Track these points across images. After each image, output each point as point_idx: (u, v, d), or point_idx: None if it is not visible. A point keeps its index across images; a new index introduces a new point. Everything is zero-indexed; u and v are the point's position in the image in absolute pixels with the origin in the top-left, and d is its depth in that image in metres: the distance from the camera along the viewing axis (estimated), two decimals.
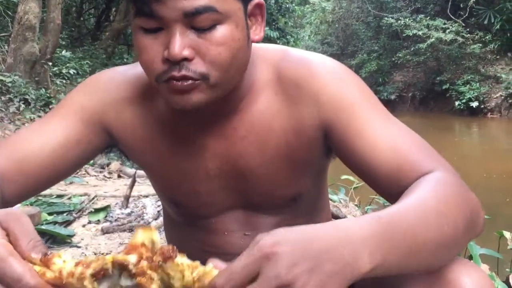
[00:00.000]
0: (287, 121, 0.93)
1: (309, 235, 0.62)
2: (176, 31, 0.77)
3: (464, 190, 0.80)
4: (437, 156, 0.86)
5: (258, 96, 0.94)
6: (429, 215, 0.71)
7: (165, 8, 0.76)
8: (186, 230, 1.08)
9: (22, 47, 7.73)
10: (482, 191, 5.79)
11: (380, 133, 0.85)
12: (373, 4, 20.65)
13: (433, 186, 0.78)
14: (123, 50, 15.19)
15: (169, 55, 0.78)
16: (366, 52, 21.08)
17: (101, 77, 1.01)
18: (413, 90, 19.26)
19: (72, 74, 9.55)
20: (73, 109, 0.97)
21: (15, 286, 0.58)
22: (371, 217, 0.68)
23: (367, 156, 0.85)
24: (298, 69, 0.92)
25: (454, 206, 0.75)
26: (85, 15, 16.14)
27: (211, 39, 0.79)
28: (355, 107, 0.89)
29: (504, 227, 2.62)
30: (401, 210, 0.72)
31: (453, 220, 0.73)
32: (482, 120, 14.95)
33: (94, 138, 0.97)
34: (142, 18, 0.79)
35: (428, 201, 0.74)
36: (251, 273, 0.59)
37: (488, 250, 2.35)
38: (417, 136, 0.89)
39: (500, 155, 9.29)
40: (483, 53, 16.59)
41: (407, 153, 0.84)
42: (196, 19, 0.77)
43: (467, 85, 16.15)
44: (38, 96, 7.36)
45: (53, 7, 8.50)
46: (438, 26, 16.81)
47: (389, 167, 0.83)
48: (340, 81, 0.92)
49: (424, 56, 17.97)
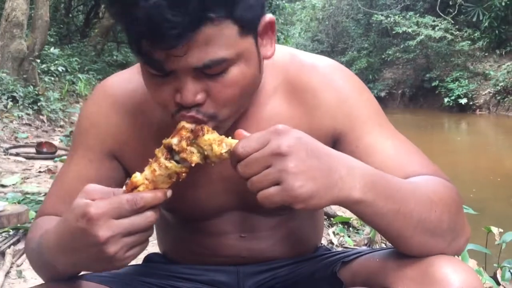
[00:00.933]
0: (300, 127, 0.91)
1: (317, 142, 0.74)
2: (187, 79, 0.76)
3: (458, 198, 0.85)
4: (439, 171, 0.90)
5: (265, 101, 0.93)
6: (422, 195, 0.79)
7: (175, 64, 0.74)
8: (182, 233, 1.07)
9: (9, 44, 7.65)
10: (470, 186, 5.84)
11: (389, 152, 0.90)
12: (363, 1, 20.72)
13: (429, 180, 0.85)
14: (113, 47, 15.10)
15: (182, 100, 0.76)
16: (356, 49, 21.17)
17: (100, 100, 0.99)
18: (403, 87, 19.38)
19: (60, 71, 9.48)
20: (83, 154, 0.98)
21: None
22: (377, 170, 0.78)
23: None
24: (313, 77, 0.93)
25: (444, 201, 0.81)
26: (74, 12, 16.01)
27: (223, 81, 0.77)
28: (369, 122, 0.92)
29: (491, 222, 2.65)
30: (401, 181, 0.80)
31: (440, 210, 0.79)
32: (471, 117, 15.08)
33: (111, 171, 0.99)
34: (151, 68, 0.77)
35: (422, 186, 0.82)
36: (261, 143, 0.70)
37: (476, 246, 2.38)
38: (420, 152, 0.93)
39: (488, 151, 9.37)
40: (471, 50, 16.74)
41: (413, 171, 0.88)
42: (206, 70, 0.75)
43: (456, 82, 16.29)
44: (26, 94, 7.29)
45: (41, 4, 8.42)
46: (428, 23, 16.92)
47: None
48: (358, 95, 0.94)
49: (413, 53, 18.09)
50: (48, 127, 7.28)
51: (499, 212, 4.81)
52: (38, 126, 7.11)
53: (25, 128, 6.76)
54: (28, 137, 6.41)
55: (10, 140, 6.08)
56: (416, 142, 0.97)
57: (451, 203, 0.81)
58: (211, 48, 0.73)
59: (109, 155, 0.98)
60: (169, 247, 1.14)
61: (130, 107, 0.97)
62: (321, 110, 0.92)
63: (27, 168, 4.69)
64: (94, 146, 0.98)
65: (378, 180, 0.75)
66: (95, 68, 11.67)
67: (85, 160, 0.98)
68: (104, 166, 0.98)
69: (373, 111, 0.94)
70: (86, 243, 0.72)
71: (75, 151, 1.00)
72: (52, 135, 6.92)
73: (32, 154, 5.24)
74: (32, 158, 5.14)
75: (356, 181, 0.73)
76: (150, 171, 0.75)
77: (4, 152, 5.26)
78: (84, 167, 0.98)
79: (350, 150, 0.90)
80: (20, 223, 2.66)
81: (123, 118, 0.97)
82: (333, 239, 2.79)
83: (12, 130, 6.39)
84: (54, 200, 0.99)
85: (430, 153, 3.67)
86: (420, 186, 0.81)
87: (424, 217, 0.77)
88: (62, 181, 1.00)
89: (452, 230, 0.81)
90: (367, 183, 0.73)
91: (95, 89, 1.02)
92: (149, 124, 0.96)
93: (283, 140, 0.69)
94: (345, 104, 0.92)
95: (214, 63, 0.74)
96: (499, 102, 15.26)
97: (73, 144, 1.03)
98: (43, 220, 0.96)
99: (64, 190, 0.98)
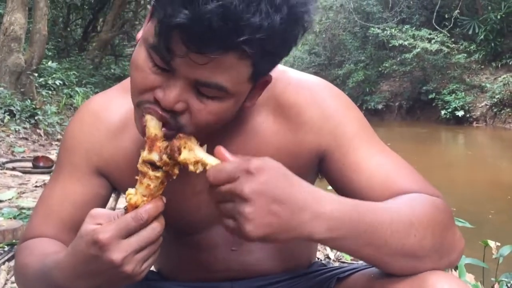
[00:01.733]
0: (283, 143, 0.94)
1: (287, 183, 0.72)
2: (178, 84, 0.75)
3: (446, 218, 0.84)
4: (429, 186, 0.89)
5: (251, 116, 0.94)
6: (400, 221, 0.78)
7: (184, 66, 0.73)
8: (173, 247, 1.07)
9: (7, 58, 7.68)
10: (467, 199, 5.84)
11: (376, 168, 0.89)
12: (360, 14, 20.85)
13: (414, 201, 0.83)
14: (111, 61, 15.15)
15: (162, 99, 0.76)
16: (353, 62, 21.25)
17: (84, 118, 1.00)
18: (400, 100, 19.43)
19: (58, 85, 9.50)
20: (70, 172, 0.99)
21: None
22: (349, 201, 0.77)
23: (363, 190, 0.89)
24: (299, 94, 0.93)
25: (426, 224, 0.80)
26: (72, 26, 16.11)
27: (207, 106, 0.77)
28: (355, 139, 0.92)
29: (489, 235, 2.64)
30: (377, 206, 0.79)
31: (421, 235, 0.78)
32: (468, 129, 15.11)
33: (98, 188, 1.01)
34: (157, 56, 0.75)
35: (403, 209, 0.80)
36: (231, 178, 0.70)
37: (474, 260, 2.36)
38: (410, 167, 0.92)
39: (486, 163, 9.38)
40: (468, 63, 16.82)
41: (400, 185, 0.88)
42: (203, 88, 0.76)
43: (453, 94, 16.34)
44: (23, 107, 7.30)
45: (39, 18, 8.47)
46: (424, 36, 17.02)
47: (383, 199, 0.86)
48: (343, 112, 0.94)
49: (410, 66, 18.16)
50: (45, 141, 7.27)
51: (497, 225, 4.80)
52: (35, 140, 7.10)
53: (22, 142, 6.75)
54: (25, 151, 6.40)
55: (6, 154, 6.07)
56: (413, 155, 0.97)
57: (434, 225, 0.81)
58: (222, 74, 0.74)
59: (95, 172, 0.99)
60: (163, 263, 1.14)
61: (114, 124, 0.98)
62: (306, 126, 0.93)
63: (23, 182, 4.68)
64: (80, 164, 0.98)
65: (348, 219, 0.74)
66: (92, 82, 11.71)
67: (72, 179, 0.99)
68: (91, 183, 0.99)
69: (359, 128, 0.93)
70: (102, 268, 0.75)
71: (60, 169, 1.01)
72: (49, 149, 6.91)
73: (29, 169, 5.23)
74: (29, 172, 5.12)
75: (320, 224, 0.72)
76: (144, 187, 0.77)
77: (0, 166, 5.25)
78: (70, 185, 0.99)
79: (337, 167, 0.91)
80: (15, 239, 2.65)
81: (107, 135, 0.98)
82: (330, 254, 2.78)
83: (9, 144, 6.38)
84: (40, 221, 0.99)
85: (428, 166, 3.65)
86: (401, 210, 0.80)
87: (403, 243, 0.77)
88: (48, 201, 1.00)
89: (437, 250, 0.80)
90: (334, 224, 0.73)
91: (79, 108, 1.04)
92: (133, 140, 0.97)
93: (249, 184, 0.69)
94: (330, 121, 0.92)
95: (216, 87, 0.75)
96: (495, 115, 15.30)
97: (58, 163, 1.03)
98: (34, 244, 0.95)
99: (50, 211, 0.99)
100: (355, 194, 0.88)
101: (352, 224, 0.74)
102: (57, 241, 0.96)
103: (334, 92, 0.96)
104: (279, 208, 0.70)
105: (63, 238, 0.97)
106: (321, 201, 0.73)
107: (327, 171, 0.94)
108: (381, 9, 20.56)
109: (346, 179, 0.90)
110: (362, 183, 0.88)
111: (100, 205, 1.01)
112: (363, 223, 0.75)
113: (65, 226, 0.98)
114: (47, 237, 0.97)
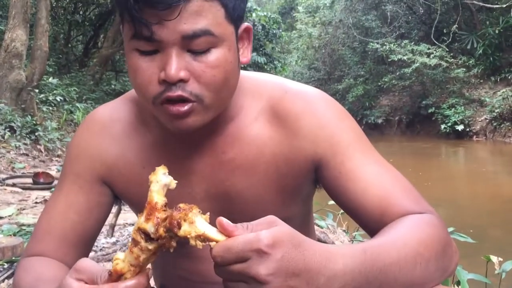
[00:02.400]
0: (279, 149, 0.95)
1: (301, 253, 0.68)
2: (173, 54, 0.80)
3: (444, 233, 0.86)
4: (421, 200, 0.91)
5: (248, 123, 0.96)
6: (407, 255, 0.78)
7: (165, 31, 0.78)
8: (171, 259, 1.07)
9: (8, 74, 7.71)
10: (469, 213, 5.82)
11: (371, 178, 0.90)
12: (359, 30, 20.99)
13: (414, 225, 0.84)
14: (111, 76, 15.22)
15: (166, 76, 0.80)
16: (353, 76, 21.34)
17: (88, 128, 1.03)
18: (399, 114, 19.48)
19: (58, 101, 9.53)
20: (73, 180, 1.01)
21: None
22: (358, 249, 0.75)
23: (358, 199, 0.90)
24: (296, 103, 0.95)
25: (430, 247, 0.81)
26: (73, 42, 16.20)
27: (207, 61, 0.81)
28: (350, 148, 0.93)
29: (491, 250, 2.62)
30: (384, 245, 0.78)
31: (426, 260, 0.79)
32: (468, 143, 15.11)
33: (101, 196, 1.02)
34: (140, 40, 0.80)
35: (408, 240, 0.80)
36: (241, 258, 0.66)
37: (476, 275, 2.34)
38: (403, 179, 0.93)
39: (487, 177, 9.36)
40: (467, 77, 16.89)
41: (395, 198, 0.89)
42: (193, 42, 0.79)
43: (452, 108, 16.39)
44: (24, 124, 7.31)
45: (40, 35, 8.52)
46: (423, 51, 17.12)
47: (377, 210, 0.89)
48: (339, 121, 0.95)
49: (409, 80, 18.24)
50: (45, 157, 7.27)
51: (499, 240, 4.78)
52: (36, 156, 7.10)
53: (22, 158, 6.75)
54: (25, 167, 6.40)
55: (7, 170, 6.06)
56: (414, 170, 0.98)
57: (436, 246, 0.82)
58: (200, 19, 0.79)
59: (99, 180, 1.01)
60: (162, 276, 1.14)
61: (117, 133, 1.00)
62: (302, 134, 0.94)
63: (23, 199, 4.67)
64: (83, 172, 1.00)
65: (360, 270, 0.73)
66: (93, 97, 11.74)
67: (75, 187, 1.00)
68: (94, 191, 1.00)
69: (355, 137, 0.95)
70: None
71: (63, 180, 1.03)
72: (49, 165, 6.91)
73: (29, 185, 5.23)
74: (29, 188, 5.12)
75: (335, 282, 0.70)
76: (134, 257, 0.71)
77: (1, 182, 5.25)
78: (74, 195, 1.00)
79: (333, 176, 0.92)
80: (15, 256, 2.63)
81: (111, 143, 1.00)
82: None
83: (9, 160, 6.38)
84: (41, 237, 1.00)
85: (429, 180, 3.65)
86: (406, 243, 0.80)
87: (411, 274, 0.78)
88: (50, 213, 1.01)
89: (440, 269, 0.82)
90: (348, 279, 0.72)
91: (83, 120, 1.06)
92: (135, 148, 0.99)
93: (264, 265, 0.65)
94: (325, 130, 0.94)
95: (202, 33, 0.79)
96: (495, 129, 15.33)
97: (61, 174, 1.05)
98: (31, 265, 0.96)
99: (53, 222, 1.00)
100: (350, 203, 0.91)
101: (364, 273, 0.73)
102: (55, 262, 0.97)
103: (329, 102, 0.98)
104: (296, 281, 0.67)
105: (64, 252, 0.98)
106: (333, 258, 0.71)
107: (324, 180, 0.95)
108: (380, 24, 20.72)
109: (342, 188, 0.92)
110: (358, 193, 0.90)
111: (102, 213, 1.03)
112: (374, 268, 0.74)
113: (66, 238, 0.99)
114: (47, 255, 0.97)
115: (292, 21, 27.08)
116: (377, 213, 0.89)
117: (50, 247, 0.98)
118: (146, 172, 0.98)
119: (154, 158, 0.98)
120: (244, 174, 0.96)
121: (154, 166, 0.97)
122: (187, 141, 0.95)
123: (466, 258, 3.31)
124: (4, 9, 11.41)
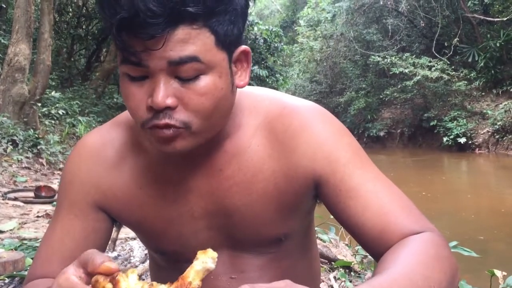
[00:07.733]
0: (278, 166, 0.94)
1: None
2: (161, 81, 0.78)
3: (446, 251, 0.84)
4: (421, 217, 0.89)
5: (246, 139, 0.95)
6: (416, 283, 0.74)
7: (151, 58, 0.77)
8: (173, 275, 1.06)
9: (11, 88, 7.74)
10: (472, 227, 5.78)
11: (371, 195, 0.89)
12: (360, 43, 21.10)
13: (418, 249, 0.81)
14: (113, 90, 15.27)
15: (153, 103, 0.79)
16: (354, 89, 21.40)
17: (80, 154, 1.02)
18: (401, 127, 19.48)
19: (61, 114, 9.56)
20: (68, 209, 1.00)
21: None
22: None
23: (358, 217, 0.89)
24: (293, 119, 0.94)
25: (438, 268, 0.78)
26: (76, 56, 16.30)
27: (195, 89, 0.80)
28: (350, 165, 0.92)
29: (495, 265, 2.61)
30: (391, 279, 0.74)
31: (437, 282, 0.76)
32: (470, 156, 15.09)
33: (97, 222, 1.00)
34: (129, 66, 0.80)
35: (414, 267, 0.77)
36: None
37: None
38: (403, 196, 0.92)
39: (490, 191, 9.33)
40: (468, 90, 16.92)
41: (394, 216, 0.87)
42: (180, 69, 0.78)
43: (454, 121, 16.39)
44: (26, 137, 7.33)
45: (43, 49, 8.58)
46: (424, 64, 17.17)
47: (376, 229, 0.87)
48: (337, 138, 0.94)
49: (411, 93, 18.28)
50: (47, 170, 7.27)
51: (503, 253, 4.74)
52: (38, 170, 7.10)
53: (24, 171, 6.75)
54: (27, 180, 6.40)
55: (9, 184, 6.06)
56: (417, 183, 0.97)
57: (444, 267, 0.80)
58: (187, 46, 0.77)
59: (94, 206, 0.99)
60: None
61: (110, 157, 0.99)
62: (300, 151, 0.93)
63: (25, 212, 4.66)
64: (78, 199, 0.99)
65: None
66: (95, 111, 11.79)
67: (71, 216, 0.99)
68: (90, 218, 0.99)
69: (353, 154, 0.94)
70: None
71: (59, 208, 1.02)
72: (51, 179, 6.91)
73: (31, 199, 5.22)
74: (31, 202, 5.11)
75: None
76: None
77: (2, 196, 5.24)
78: (70, 223, 0.99)
79: (333, 193, 0.91)
80: (16, 270, 2.61)
81: (104, 168, 0.99)
82: (334, 285, 2.74)
83: (11, 174, 6.38)
84: (42, 262, 0.99)
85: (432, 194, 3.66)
86: (413, 268, 0.77)
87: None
88: (49, 240, 1.01)
89: (449, 285, 0.80)
90: None
91: (75, 145, 1.05)
92: (130, 170, 0.98)
93: None
94: (323, 147, 0.92)
95: (188, 59, 0.77)
96: (498, 141, 15.31)
97: (57, 202, 1.04)
98: (37, 284, 0.95)
99: (52, 250, 0.99)
100: (350, 220, 0.90)
101: None
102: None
103: (327, 118, 0.97)
104: None
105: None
106: None
107: (324, 197, 0.94)
108: (381, 37, 20.82)
109: (343, 205, 0.90)
110: (358, 211, 0.89)
111: (100, 238, 1.01)
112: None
113: (65, 263, 0.98)
114: (49, 277, 0.96)
115: (294, 35, 27.22)
116: (376, 231, 0.88)
117: (51, 271, 0.97)
118: (144, 193, 0.98)
119: (152, 178, 0.97)
120: (242, 191, 0.95)
121: (151, 186, 0.97)
122: (184, 160, 0.95)
123: (470, 273, 3.28)
124: (7, 23, 11.50)
